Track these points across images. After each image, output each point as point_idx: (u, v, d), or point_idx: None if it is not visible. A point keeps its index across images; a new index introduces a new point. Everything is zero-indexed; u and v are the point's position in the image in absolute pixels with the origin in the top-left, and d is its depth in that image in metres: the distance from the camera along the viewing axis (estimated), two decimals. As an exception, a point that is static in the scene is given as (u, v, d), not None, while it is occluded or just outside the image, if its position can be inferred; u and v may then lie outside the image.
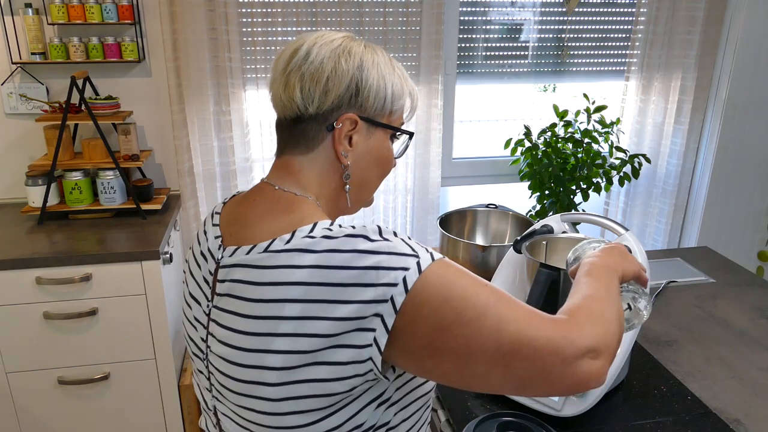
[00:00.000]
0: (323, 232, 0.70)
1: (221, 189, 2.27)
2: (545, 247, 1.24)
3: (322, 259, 0.67)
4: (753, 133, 2.56)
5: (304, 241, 0.69)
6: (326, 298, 0.65)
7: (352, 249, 0.67)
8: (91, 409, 1.92)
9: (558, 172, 2.25)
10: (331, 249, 0.67)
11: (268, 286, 0.68)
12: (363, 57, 0.78)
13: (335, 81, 0.76)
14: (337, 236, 0.68)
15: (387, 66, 0.80)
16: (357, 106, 0.78)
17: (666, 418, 1.09)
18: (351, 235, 0.68)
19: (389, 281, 0.65)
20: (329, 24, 2.15)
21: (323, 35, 0.80)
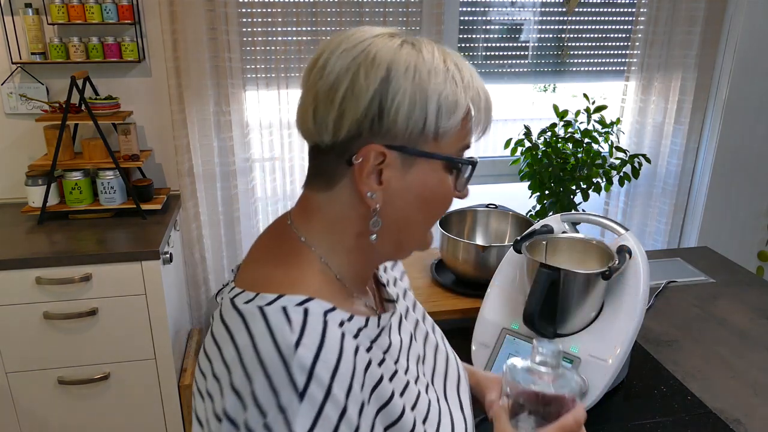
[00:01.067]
0: (274, 312, 0.59)
1: (221, 189, 2.27)
2: (545, 247, 1.24)
3: (245, 351, 0.57)
4: (753, 133, 2.56)
5: (253, 313, 0.59)
6: (226, 397, 0.57)
7: (265, 368, 0.55)
8: (91, 409, 1.92)
9: (558, 172, 2.25)
10: (256, 347, 0.57)
11: (212, 341, 0.62)
12: (393, 64, 0.60)
13: (352, 102, 0.60)
14: (275, 336, 0.56)
15: (435, 70, 0.61)
16: (382, 134, 0.60)
17: (666, 418, 1.09)
18: (279, 351, 0.55)
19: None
20: (329, 24, 2.15)
21: (355, 34, 0.63)
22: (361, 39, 0.62)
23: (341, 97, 0.60)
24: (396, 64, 0.60)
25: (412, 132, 0.61)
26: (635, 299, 1.11)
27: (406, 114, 0.60)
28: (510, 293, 1.23)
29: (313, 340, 0.56)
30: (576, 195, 2.31)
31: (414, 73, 0.60)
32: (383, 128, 0.60)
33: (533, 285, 1.09)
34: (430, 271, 1.61)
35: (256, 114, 2.23)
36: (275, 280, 0.63)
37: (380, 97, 0.59)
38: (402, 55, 0.61)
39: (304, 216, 0.68)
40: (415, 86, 0.60)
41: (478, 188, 2.61)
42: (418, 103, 0.60)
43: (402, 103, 0.60)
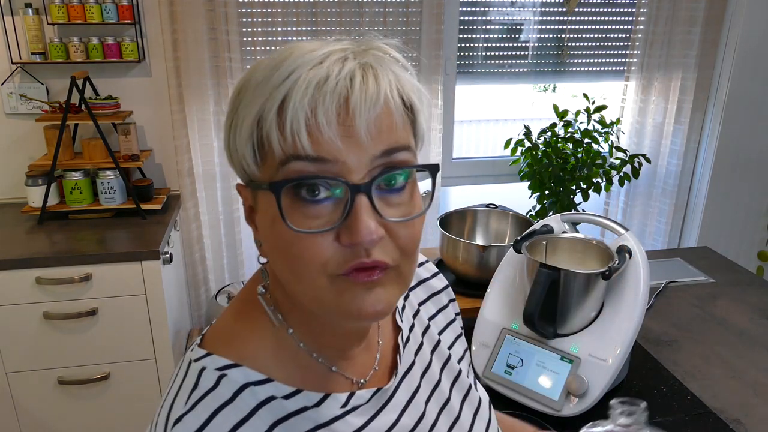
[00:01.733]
0: (192, 374, 0.54)
1: (221, 189, 2.27)
2: (545, 247, 1.24)
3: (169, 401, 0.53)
4: (753, 133, 2.56)
5: (183, 365, 0.55)
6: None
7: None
8: (91, 409, 1.92)
9: (558, 172, 2.25)
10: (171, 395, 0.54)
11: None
12: (242, 82, 0.52)
13: (231, 136, 0.54)
14: (173, 397, 0.53)
15: (254, 84, 0.50)
16: (240, 171, 0.54)
17: (666, 418, 1.09)
18: (164, 418, 0.52)
19: None
20: (329, 24, 2.15)
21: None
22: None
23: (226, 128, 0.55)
24: (241, 85, 0.52)
25: (246, 163, 0.51)
26: (635, 299, 1.11)
27: (236, 143, 0.51)
28: (510, 293, 1.23)
29: (197, 419, 0.50)
30: (576, 195, 2.31)
31: (236, 94, 0.52)
32: (236, 166, 0.53)
33: (533, 285, 1.09)
34: (430, 271, 1.61)
35: (256, 114, 2.23)
36: (221, 330, 0.58)
37: (229, 132, 0.52)
38: (244, 75, 0.53)
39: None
40: (244, 100, 0.51)
41: (478, 188, 2.61)
42: (245, 120, 0.50)
43: (236, 125, 0.51)
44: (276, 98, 0.48)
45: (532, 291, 1.09)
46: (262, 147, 0.50)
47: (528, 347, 1.14)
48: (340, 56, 0.49)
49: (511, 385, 1.12)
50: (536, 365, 1.12)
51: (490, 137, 4.49)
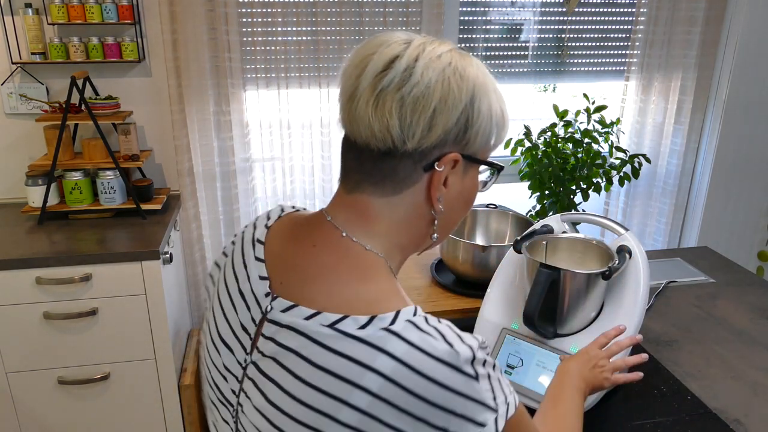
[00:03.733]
0: (406, 329, 0.59)
1: (221, 189, 2.27)
2: (545, 247, 1.24)
3: (399, 373, 0.57)
4: (753, 133, 2.56)
5: (382, 337, 0.58)
6: (389, 423, 0.57)
7: (434, 379, 0.57)
8: (91, 409, 1.92)
9: (558, 172, 2.25)
10: (410, 366, 0.57)
11: (329, 375, 0.59)
12: (477, 80, 0.65)
13: (444, 113, 0.63)
14: (425, 350, 0.58)
15: (494, 89, 0.67)
16: (462, 144, 0.65)
17: (666, 418, 1.09)
18: (440, 360, 0.58)
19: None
20: (329, 24, 2.15)
21: (424, 44, 0.64)
22: (439, 52, 0.64)
23: (433, 108, 0.62)
24: (479, 81, 0.65)
25: (480, 143, 0.66)
26: (635, 299, 1.11)
27: (484, 128, 0.65)
28: (510, 293, 1.23)
29: (455, 338, 0.60)
30: (576, 195, 2.31)
31: (488, 92, 0.65)
32: (465, 139, 0.65)
33: (533, 285, 1.09)
34: (430, 271, 1.61)
35: (256, 114, 2.23)
36: (374, 296, 0.63)
37: (469, 111, 0.64)
38: (480, 72, 0.66)
39: (359, 222, 0.67)
40: (489, 103, 0.65)
41: (478, 188, 2.61)
42: (493, 117, 0.66)
43: (486, 117, 0.65)
44: (506, 110, 0.69)
45: (532, 291, 1.09)
46: (498, 141, 0.69)
47: (528, 347, 1.14)
48: None
49: (511, 385, 1.12)
50: (536, 365, 1.12)
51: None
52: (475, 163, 0.68)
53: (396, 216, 0.67)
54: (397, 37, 0.65)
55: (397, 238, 0.68)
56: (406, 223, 0.68)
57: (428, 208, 0.67)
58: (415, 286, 1.53)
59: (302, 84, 2.20)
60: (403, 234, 0.68)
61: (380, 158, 0.64)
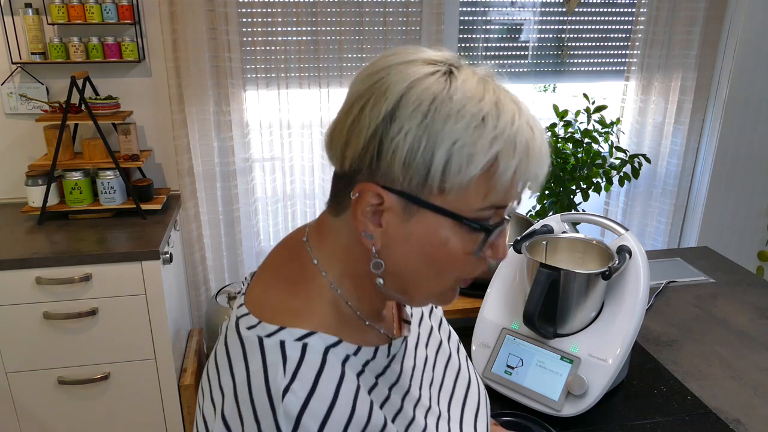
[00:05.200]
0: (272, 349, 0.56)
1: (221, 189, 2.27)
2: (545, 247, 1.24)
3: (247, 383, 0.55)
4: (753, 133, 2.56)
5: (252, 343, 0.57)
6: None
7: (252, 405, 0.54)
8: (91, 409, 1.92)
9: (558, 172, 2.25)
10: (241, 386, 0.55)
11: (213, 364, 0.61)
12: (404, 98, 0.53)
13: (354, 133, 0.55)
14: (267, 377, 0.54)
15: (459, 112, 0.52)
16: (380, 174, 0.55)
17: (666, 418, 1.09)
18: (267, 394, 0.53)
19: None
20: (329, 24, 2.15)
21: (396, 54, 0.57)
22: (390, 63, 0.56)
23: (348, 126, 0.56)
24: (406, 99, 0.53)
25: (412, 179, 0.54)
26: (635, 299, 1.11)
27: (404, 158, 0.53)
28: (510, 293, 1.23)
29: (303, 386, 0.53)
30: (576, 195, 2.31)
31: (425, 114, 0.52)
32: (381, 169, 0.55)
33: (533, 285, 1.09)
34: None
35: (256, 114, 2.23)
36: (280, 306, 0.60)
37: (381, 135, 0.54)
38: (420, 89, 0.53)
39: (318, 236, 0.64)
40: (421, 128, 0.52)
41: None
42: (421, 149, 0.53)
43: (400, 145, 0.53)
44: (509, 153, 0.54)
45: (532, 291, 1.09)
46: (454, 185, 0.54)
47: (528, 347, 1.15)
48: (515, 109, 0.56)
49: (511, 385, 1.12)
50: (536, 365, 1.12)
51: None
52: (418, 205, 0.55)
53: (341, 239, 0.62)
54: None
55: (347, 264, 0.62)
56: (351, 250, 0.61)
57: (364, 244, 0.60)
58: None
59: (302, 84, 2.20)
60: (352, 262, 0.62)
61: (335, 178, 0.61)
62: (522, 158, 0.54)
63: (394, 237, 0.57)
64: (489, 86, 0.55)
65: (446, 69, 0.56)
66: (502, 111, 0.54)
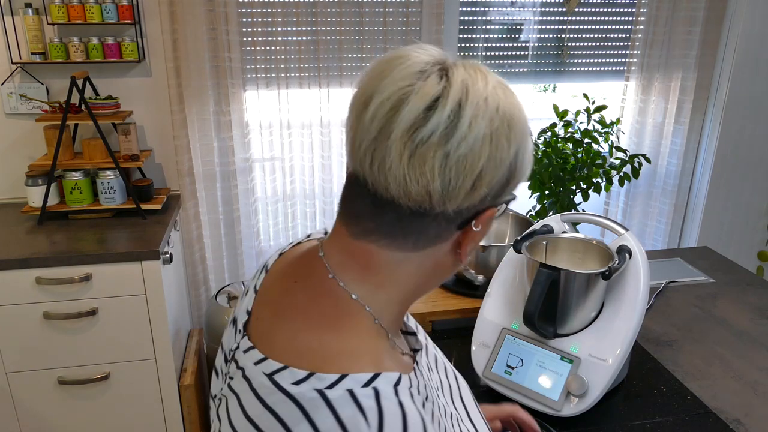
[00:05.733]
0: (341, 400, 0.50)
1: (221, 189, 2.27)
2: (545, 247, 1.24)
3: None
4: (753, 133, 2.56)
5: (313, 399, 0.51)
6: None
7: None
8: (91, 409, 1.92)
9: (558, 172, 2.25)
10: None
11: (255, 430, 0.53)
12: (522, 130, 0.56)
13: (491, 172, 0.54)
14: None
15: (529, 129, 0.58)
16: (502, 197, 0.58)
17: (666, 418, 1.09)
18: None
19: None
20: (329, 24, 2.15)
21: (467, 81, 0.53)
22: (485, 93, 0.53)
23: (480, 168, 0.53)
24: (521, 127, 0.56)
25: (511, 189, 0.59)
26: (635, 299, 1.11)
27: (524, 174, 0.58)
28: (510, 293, 1.23)
29: (399, 429, 0.50)
30: (576, 195, 2.31)
31: (528, 134, 0.57)
32: (506, 192, 0.58)
33: (533, 285, 1.09)
34: (430, 271, 1.61)
35: (256, 114, 2.23)
36: (329, 350, 0.54)
37: (513, 165, 0.55)
38: (523, 117, 0.57)
39: (355, 270, 0.58)
40: (529, 146, 0.58)
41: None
42: (527, 160, 0.58)
43: (526, 166, 0.58)
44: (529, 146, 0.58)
45: (532, 291, 1.09)
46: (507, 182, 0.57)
47: (528, 347, 1.14)
48: None
49: (511, 385, 1.12)
50: (536, 365, 1.12)
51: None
52: (503, 206, 0.60)
53: (407, 270, 0.58)
54: (428, 61, 0.54)
55: (399, 290, 0.59)
56: (416, 276, 0.59)
57: (450, 260, 0.59)
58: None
59: (302, 84, 2.20)
60: (410, 288, 0.59)
61: (409, 216, 0.55)
62: None
63: (472, 239, 0.59)
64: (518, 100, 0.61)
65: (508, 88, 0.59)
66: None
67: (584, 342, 1.11)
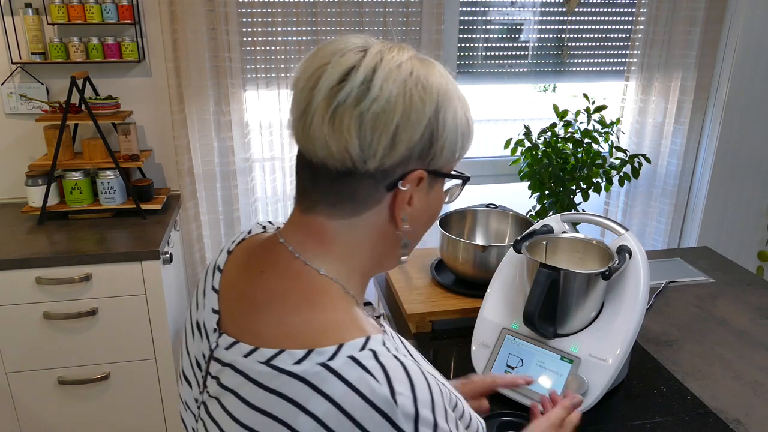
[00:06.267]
0: (346, 366, 0.54)
1: (221, 189, 2.27)
2: (545, 247, 1.24)
3: (331, 417, 0.52)
4: (753, 133, 2.56)
5: (318, 373, 0.54)
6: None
7: (365, 429, 0.52)
8: (91, 409, 1.92)
9: (558, 172, 2.25)
10: (344, 410, 0.52)
11: (264, 416, 0.55)
12: (441, 91, 0.60)
13: (408, 130, 0.58)
14: (363, 393, 0.53)
15: (459, 96, 0.62)
16: (428, 160, 0.61)
17: (666, 418, 1.09)
18: (376, 408, 0.52)
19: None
20: (329, 24, 2.15)
21: (382, 52, 0.59)
22: (399, 60, 0.58)
23: (396, 125, 0.57)
24: (443, 92, 0.60)
25: (446, 156, 0.62)
26: (635, 299, 1.11)
27: (451, 139, 0.61)
28: (510, 293, 1.23)
29: (404, 384, 0.54)
30: (576, 195, 2.31)
31: (453, 101, 0.61)
32: (430, 154, 0.60)
33: (533, 285, 1.09)
34: (430, 271, 1.61)
35: (256, 114, 2.23)
36: (316, 326, 0.57)
37: (433, 125, 0.59)
38: (444, 81, 0.61)
39: (314, 245, 0.62)
40: (457, 111, 0.61)
41: (478, 188, 2.62)
42: (459, 127, 0.61)
43: (451, 128, 0.60)
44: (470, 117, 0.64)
45: (532, 291, 1.09)
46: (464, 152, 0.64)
47: (528, 347, 1.14)
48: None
49: (511, 385, 1.12)
50: (536, 365, 1.12)
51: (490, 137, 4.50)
52: (440, 177, 0.64)
53: (356, 238, 0.62)
54: (352, 43, 0.59)
55: (356, 261, 0.63)
56: (367, 245, 0.63)
57: (392, 228, 0.63)
58: (415, 286, 1.53)
59: (302, 84, 2.20)
60: (364, 256, 0.64)
61: (338, 178, 0.59)
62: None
63: (418, 211, 0.63)
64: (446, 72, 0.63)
65: (423, 58, 0.62)
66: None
67: (584, 342, 1.11)
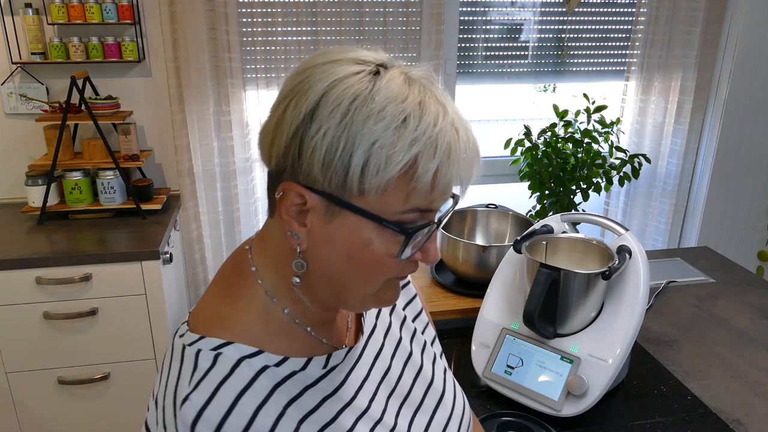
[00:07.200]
0: (189, 358, 0.58)
1: (221, 189, 2.27)
2: (545, 247, 1.24)
3: (157, 396, 0.60)
4: (753, 133, 2.56)
5: (177, 352, 0.60)
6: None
7: (160, 407, 0.58)
8: (91, 409, 1.92)
9: (558, 172, 2.25)
10: (166, 390, 0.58)
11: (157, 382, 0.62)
12: (324, 97, 0.53)
13: (279, 132, 0.55)
14: (176, 384, 0.57)
15: (380, 113, 0.51)
16: (302, 174, 0.54)
17: (666, 418, 1.09)
18: (172, 401, 0.56)
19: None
20: (329, 24, 2.15)
21: (326, 54, 0.58)
22: (317, 62, 0.56)
23: (273, 125, 0.56)
24: (326, 99, 0.52)
25: (332, 180, 0.53)
26: (635, 299, 1.11)
27: (322, 158, 0.52)
28: (510, 293, 1.23)
29: (202, 395, 0.54)
30: (576, 195, 2.31)
31: (345, 113, 0.52)
32: (302, 169, 0.54)
33: (533, 285, 1.09)
34: (430, 271, 1.61)
35: (256, 114, 2.23)
36: (207, 314, 0.61)
37: (301, 134, 0.53)
38: (341, 88, 0.52)
39: (259, 242, 0.65)
40: (340, 128, 0.52)
41: (478, 188, 2.62)
42: (340, 149, 0.52)
43: (319, 145, 0.52)
44: (430, 155, 0.52)
45: (532, 291, 1.09)
46: (369, 185, 0.52)
47: (528, 347, 1.15)
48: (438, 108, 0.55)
49: (511, 385, 1.12)
50: (536, 365, 1.12)
51: (490, 137, 4.50)
52: (339, 205, 0.54)
53: (274, 240, 0.62)
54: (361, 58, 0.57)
55: (276, 268, 0.62)
56: (279, 253, 0.61)
57: (292, 240, 0.58)
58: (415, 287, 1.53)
59: (302, 84, 2.20)
60: (280, 266, 0.61)
61: (267, 176, 0.61)
62: (443, 160, 0.53)
63: (319, 238, 0.57)
64: (415, 87, 0.54)
65: (373, 69, 0.55)
66: (425, 112, 0.53)
67: (584, 342, 1.11)
